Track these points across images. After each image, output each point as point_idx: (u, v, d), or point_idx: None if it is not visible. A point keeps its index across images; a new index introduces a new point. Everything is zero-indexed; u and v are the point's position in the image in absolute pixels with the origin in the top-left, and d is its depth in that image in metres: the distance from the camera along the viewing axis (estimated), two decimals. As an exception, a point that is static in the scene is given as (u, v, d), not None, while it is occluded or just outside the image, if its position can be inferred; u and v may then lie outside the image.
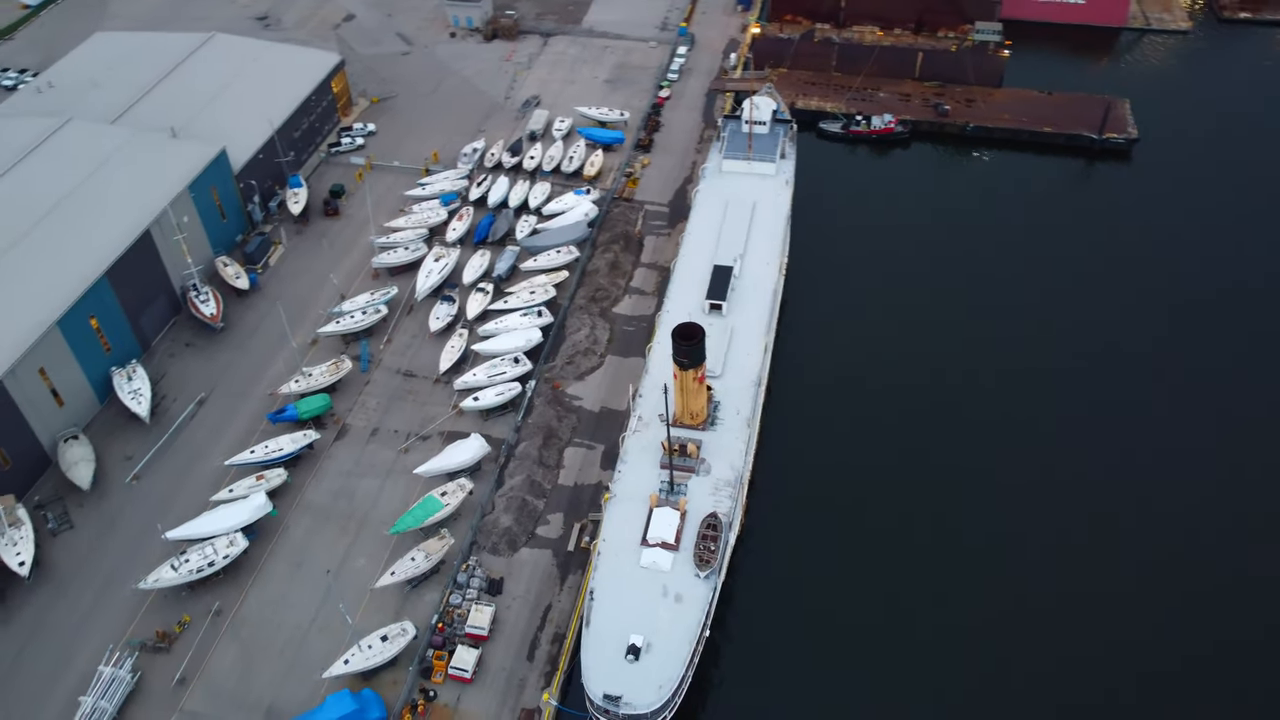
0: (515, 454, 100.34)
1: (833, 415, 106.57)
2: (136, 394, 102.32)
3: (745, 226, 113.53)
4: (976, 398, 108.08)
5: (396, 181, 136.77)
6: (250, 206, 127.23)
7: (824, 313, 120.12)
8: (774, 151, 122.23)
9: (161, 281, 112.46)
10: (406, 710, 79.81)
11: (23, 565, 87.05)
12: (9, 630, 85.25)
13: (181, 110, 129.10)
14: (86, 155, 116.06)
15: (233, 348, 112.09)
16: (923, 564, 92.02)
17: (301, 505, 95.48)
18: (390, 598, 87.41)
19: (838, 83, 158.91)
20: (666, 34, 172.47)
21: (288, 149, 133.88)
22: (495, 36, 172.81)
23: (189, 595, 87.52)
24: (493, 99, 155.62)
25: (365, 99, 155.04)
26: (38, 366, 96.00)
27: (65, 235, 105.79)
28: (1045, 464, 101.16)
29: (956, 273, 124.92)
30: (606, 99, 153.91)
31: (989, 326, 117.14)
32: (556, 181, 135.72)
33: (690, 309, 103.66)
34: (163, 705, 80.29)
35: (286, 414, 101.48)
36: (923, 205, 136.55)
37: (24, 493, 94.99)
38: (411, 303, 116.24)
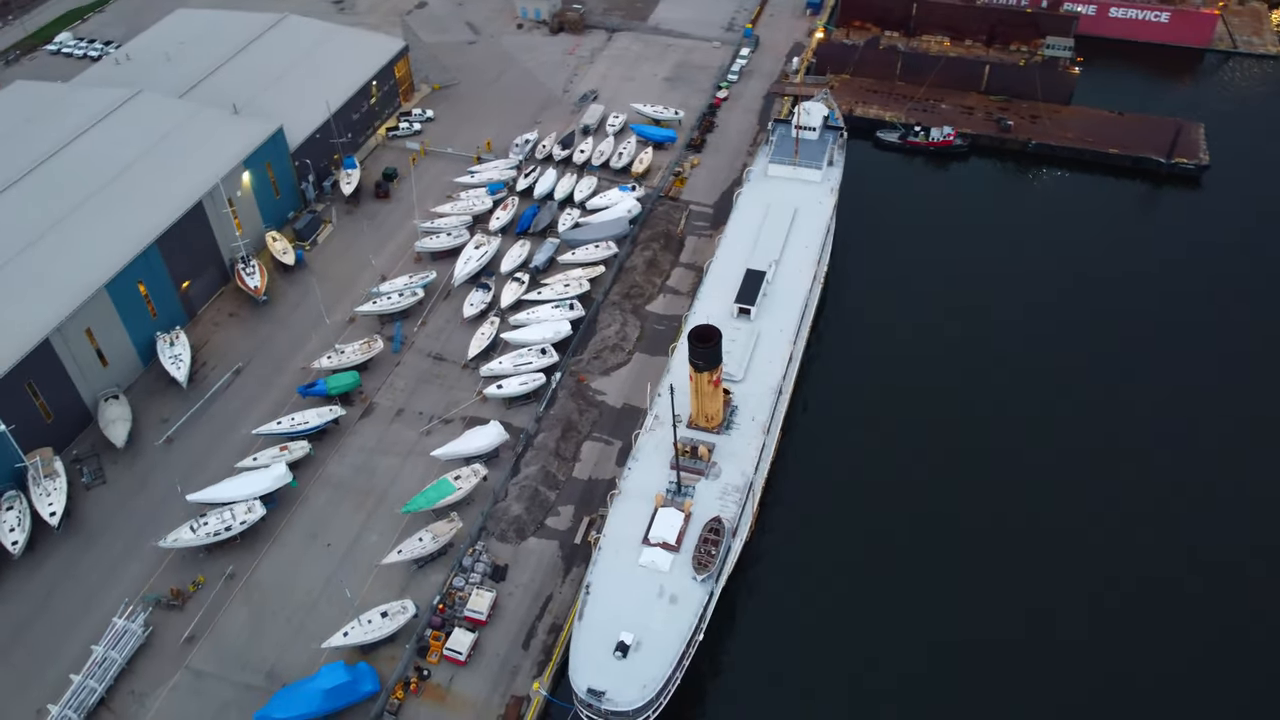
0: (533, 444, 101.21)
1: (859, 431, 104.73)
2: (177, 359, 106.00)
3: (784, 232, 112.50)
4: (1013, 429, 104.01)
5: (448, 168, 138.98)
6: (304, 185, 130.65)
7: (862, 325, 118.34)
8: (821, 158, 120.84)
9: (211, 252, 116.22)
10: (400, 686, 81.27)
11: (54, 515, 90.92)
12: (36, 577, 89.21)
13: (246, 87, 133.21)
14: (151, 127, 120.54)
15: (274, 321, 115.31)
16: (932, 597, 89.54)
17: (322, 478, 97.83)
18: (396, 575, 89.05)
19: (900, 92, 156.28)
20: (731, 35, 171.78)
21: (345, 130, 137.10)
22: (561, 30, 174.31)
23: (206, 557, 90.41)
24: (551, 91, 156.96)
25: (427, 85, 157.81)
26: (84, 327, 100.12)
27: (122, 202, 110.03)
28: (1083, 504, 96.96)
29: (1005, 294, 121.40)
30: (664, 97, 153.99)
31: (1034, 353, 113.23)
32: (604, 177, 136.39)
33: (718, 311, 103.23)
34: (170, 660, 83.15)
35: (316, 388, 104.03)
36: (975, 222, 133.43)
37: (63, 446, 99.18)
38: (449, 288, 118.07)
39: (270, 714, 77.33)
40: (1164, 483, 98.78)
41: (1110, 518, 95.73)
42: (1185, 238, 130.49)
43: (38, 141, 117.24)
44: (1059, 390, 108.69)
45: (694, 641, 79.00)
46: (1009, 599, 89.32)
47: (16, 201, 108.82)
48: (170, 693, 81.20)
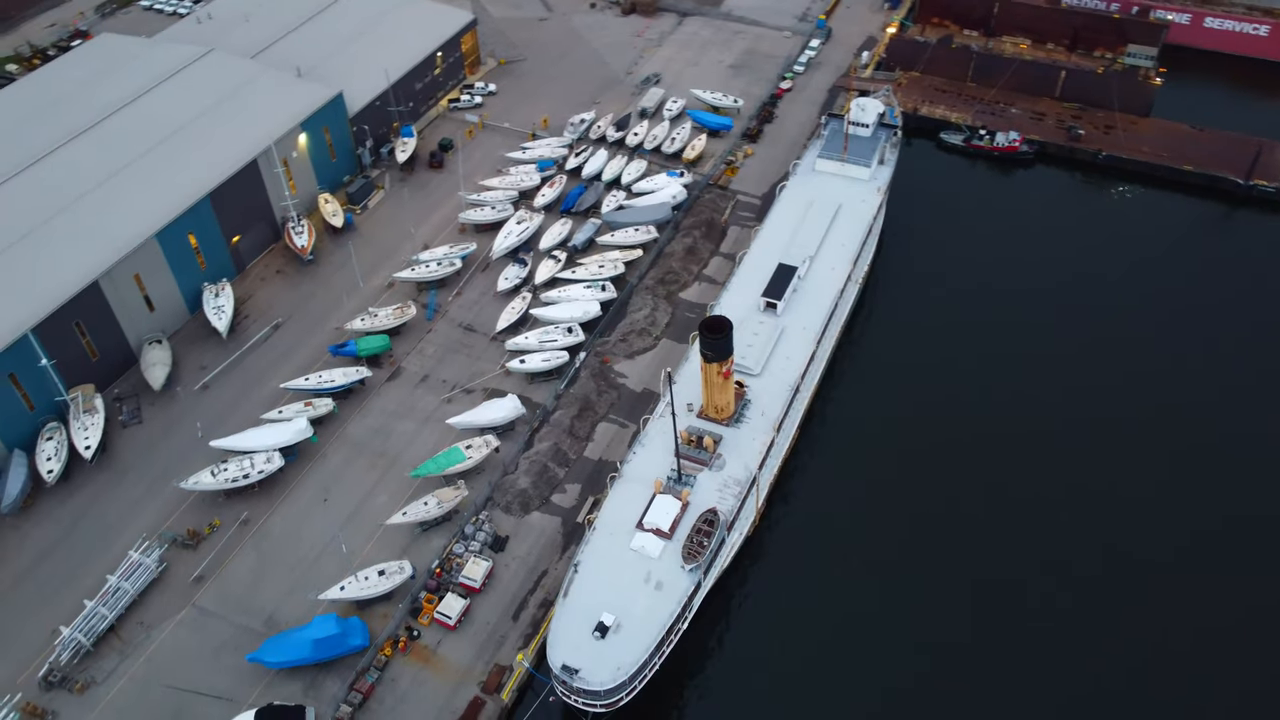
0: (549, 420, 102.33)
1: (880, 436, 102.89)
2: (220, 310, 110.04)
3: (823, 229, 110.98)
4: (1044, 457, 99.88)
5: (503, 142, 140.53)
6: (361, 150, 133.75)
7: (898, 329, 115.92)
8: (871, 156, 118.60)
9: (263, 210, 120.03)
10: (389, 644, 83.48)
11: (88, 449, 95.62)
12: (67, 505, 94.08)
13: (315, 52, 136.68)
14: (217, 85, 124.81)
15: (316, 280, 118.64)
16: (929, 611, 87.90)
17: (342, 436, 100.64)
18: (399, 536, 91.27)
19: (970, 93, 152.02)
20: (804, 25, 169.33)
21: (407, 99, 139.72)
22: (633, 11, 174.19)
23: (224, 502, 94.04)
24: (614, 72, 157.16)
25: (494, 59, 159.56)
26: (133, 273, 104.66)
27: (180, 156, 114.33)
28: (1140, 546, 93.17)
29: (1056, 310, 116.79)
30: (726, 84, 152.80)
31: (1080, 376, 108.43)
32: (654, 161, 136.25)
33: (746, 303, 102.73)
34: (178, 597, 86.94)
35: (347, 349, 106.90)
36: (1033, 233, 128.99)
37: (106, 385, 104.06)
38: (486, 260, 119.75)
39: (261, 657, 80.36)
40: (1237, 531, 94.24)
41: (1170, 561, 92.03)
42: (1258, 265, 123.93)
43: (110, 93, 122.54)
44: (1106, 414, 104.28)
45: (676, 630, 79.20)
46: (1010, 620, 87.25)
47: (82, 150, 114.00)
48: (175, 627, 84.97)
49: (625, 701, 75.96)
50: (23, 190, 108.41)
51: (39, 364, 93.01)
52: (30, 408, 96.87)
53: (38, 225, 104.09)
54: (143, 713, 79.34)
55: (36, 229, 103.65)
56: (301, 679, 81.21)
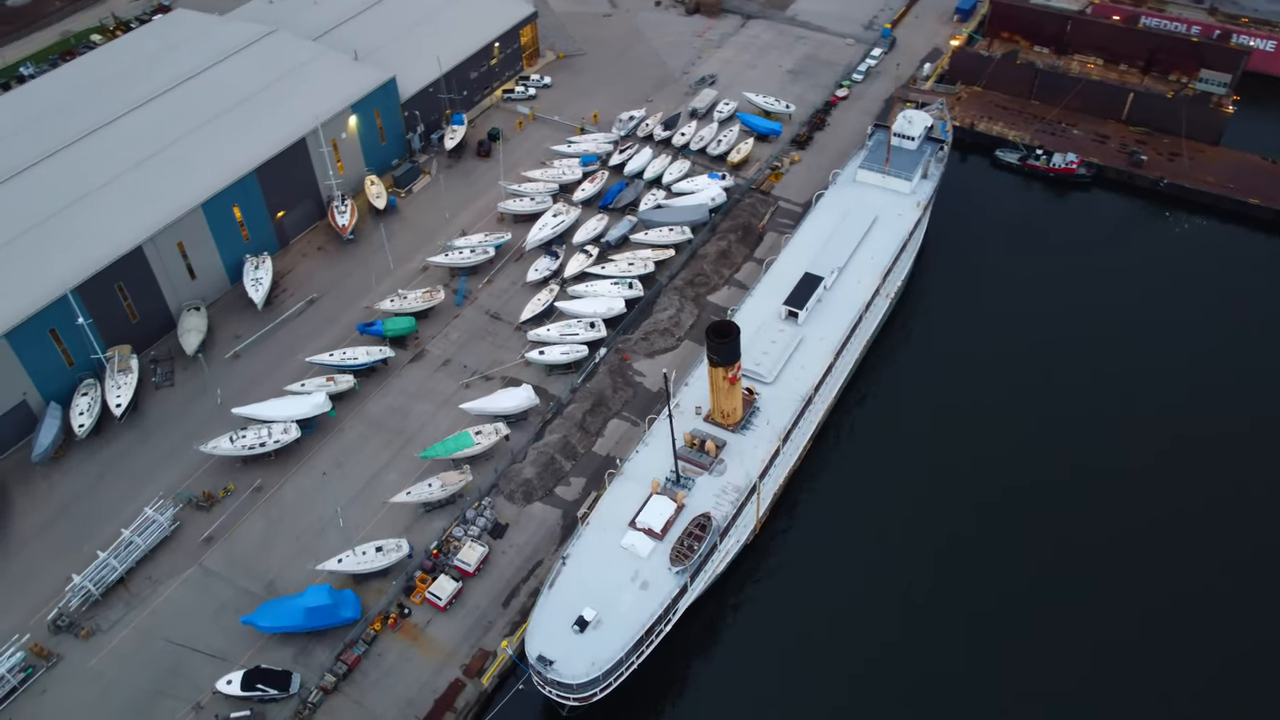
0: (562, 413, 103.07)
1: (896, 456, 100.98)
2: (257, 282, 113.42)
3: (856, 240, 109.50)
4: (1064, 500, 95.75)
5: (551, 135, 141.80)
6: (411, 135, 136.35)
7: (929, 349, 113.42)
8: (914, 169, 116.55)
9: (309, 187, 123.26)
10: (380, 619, 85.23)
11: (119, 407, 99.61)
12: (93, 459, 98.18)
13: (375, 37, 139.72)
14: (277, 64, 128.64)
15: (354, 259, 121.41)
16: (924, 636, 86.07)
17: (360, 413, 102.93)
18: (402, 515, 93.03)
19: (1032, 111, 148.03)
20: (869, 33, 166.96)
21: (461, 88, 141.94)
22: (697, 11, 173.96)
23: (240, 468, 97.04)
24: (671, 71, 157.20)
25: (552, 53, 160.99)
26: (177, 240, 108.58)
27: (233, 131, 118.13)
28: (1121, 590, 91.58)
29: (1099, 345, 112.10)
30: (782, 89, 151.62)
31: (1114, 415, 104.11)
32: (699, 162, 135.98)
33: (768, 310, 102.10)
34: (187, 555, 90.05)
35: (374, 328, 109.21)
36: (1084, 258, 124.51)
37: (144, 347, 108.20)
38: (520, 251, 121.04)
39: (255, 620, 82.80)
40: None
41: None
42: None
43: (177, 66, 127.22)
44: (1139, 456, 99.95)
45: (657, 631, 79.21)
46: (1008, 657, 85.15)
47: (143, 120, 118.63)
48: (181, 584, 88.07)
49: (599, 698, 76.29)
50: (83, 155, 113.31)
51: (77, 322, 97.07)
52: (69, 363, 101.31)
53: (93, 189, 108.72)
54: (141, 663, 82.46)
55: (91, 193, 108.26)
56: (293, 645, 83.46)
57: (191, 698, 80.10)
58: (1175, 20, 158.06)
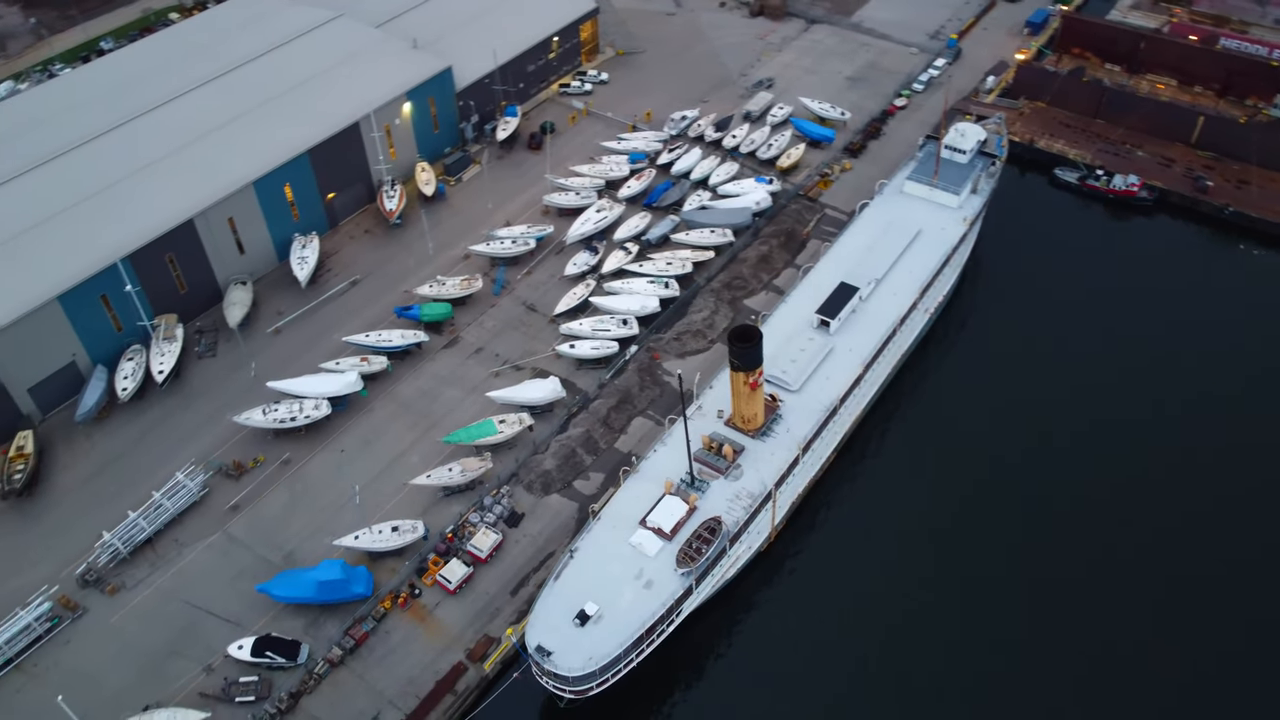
0: (587, 408, 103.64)
1: (922, 477, 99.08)
2: (303, 260, 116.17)
3: (897, 252, 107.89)
4: (1110, 546, 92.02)
5: (603, 131, 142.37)
6: (464, 125, 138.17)
7: (968, 367, 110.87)
8: (962, 183, 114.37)
9: (360, 171, 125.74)
10: (390, 597, 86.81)
11: (161, 373, 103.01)
12: (134, 423, 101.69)
13: (436, 26, 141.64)
14: (338, 48, 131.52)
15: (399, 244, 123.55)
16: (938, 673, 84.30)
17: (390, 394, 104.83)
18: (421, 497, 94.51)
19: (1097, 130, 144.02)
20: (934, 43, 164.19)
21: (517, 80, 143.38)
22: (761, 13, 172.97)
23: (271, 440, 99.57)
24: (729, 73, 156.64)
25: (612, 49, 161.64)
26: (228, 216, 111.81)
27: (290, 112, 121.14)
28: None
29: (1148, 375, 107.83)
30: (840, 96, 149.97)
31: (1160, 448, 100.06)
32: (747, 165, 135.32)
33: (800, 318, 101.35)
34: (212, 521, 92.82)
35: (411, 312, 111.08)
36: (1139, 284, 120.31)
37: (190, 317, 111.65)
38: (561, 244, 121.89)
39: (270, 589, 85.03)
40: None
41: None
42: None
43: (243, 47, 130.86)
44: (1192, 499, 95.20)
45: (659, 631, 79.30)
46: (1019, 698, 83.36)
47: (205, 98, 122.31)
48: (205, 549, 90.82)
49: (595, 692, 76.72)
50: (147, 128, 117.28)
51: (126, 289, 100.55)
52: (118, 329, 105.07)
53: (152, 161, 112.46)
54: (160, 621, 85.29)
55: (150, 165, 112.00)
56: (305, 616, 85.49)
57: (203, 659, 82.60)
58: (1257, 43, 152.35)
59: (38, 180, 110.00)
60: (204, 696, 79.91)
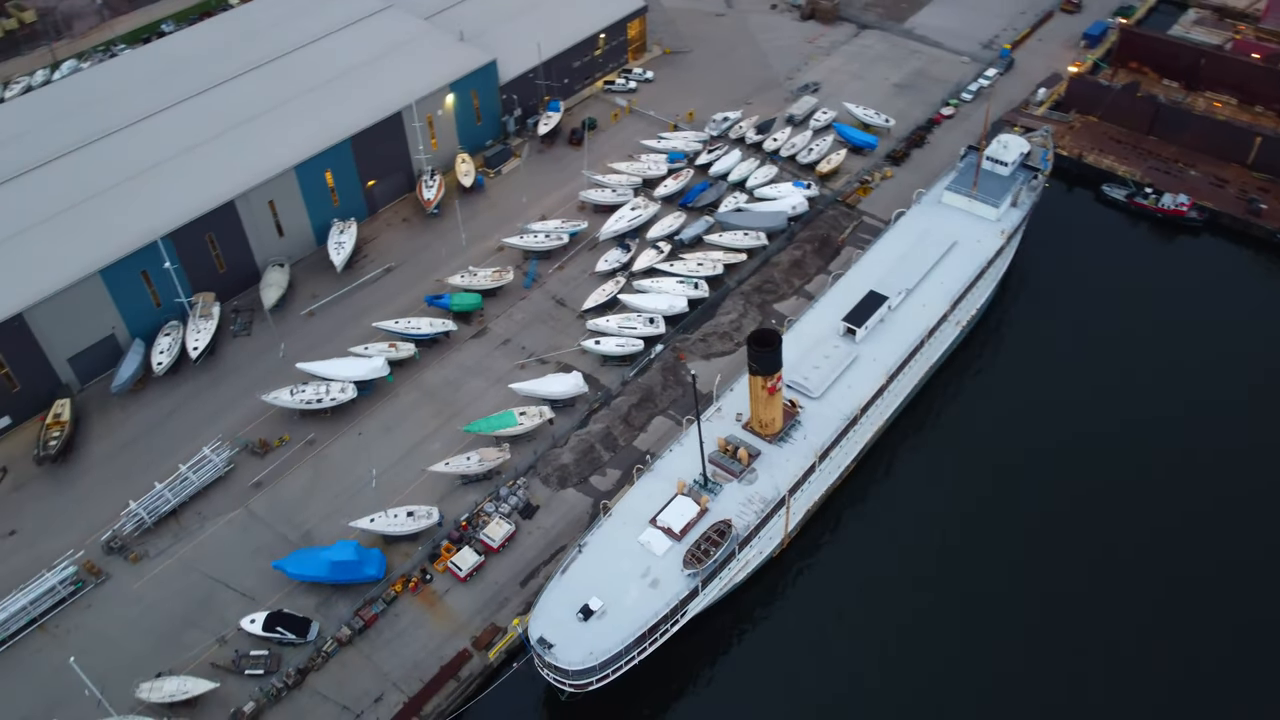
0: (609, 404, 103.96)
1: (942, 492, 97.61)
2: (339, 246, 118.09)
3: (930, 263, 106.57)
4: (1130, 574, 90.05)
5: (644, 129, 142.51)
6: (507, 118, 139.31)
7: (999, 384, 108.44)
8: (1002, 196, 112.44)
9: (401, 160, 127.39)
10: (401, 581, 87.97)
11: (196, 350, 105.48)
12: (167, 396, 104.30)
13: (485, 19, 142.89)
14: (386, 38, 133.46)
15: (436, 233, 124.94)
16: (943, 689, 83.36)
17: (416, 381, 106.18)
18: (439, 484, 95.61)
19: (1148, 147, 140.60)
20: (987, 53, 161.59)
21: (562, 76, 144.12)
22: (812, 17, 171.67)
23: (297, 420, 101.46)
24: (774, 76, 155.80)
25: (659, 48, 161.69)
26: (269, 199, 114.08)
27: (334, 99, 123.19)
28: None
29: (1187, 406, 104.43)
30: (886, 103, 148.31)
31: (1204, 493, 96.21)
32: (786, 169, 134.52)
33: (827, 325, 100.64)
34: (235, 497, 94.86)
35: (441, 301, 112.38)
36: (1183, 308, 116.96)
37: (228, 297, 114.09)
38: (594, 240, 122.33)
39: (285, 566, 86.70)
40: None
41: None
42: None
43: (294, 33, 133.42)
44: (1233, 546, 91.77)
45: (662, 631, 79.37)
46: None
47: (254, 83, 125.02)
48: (226, 523, 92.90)
49: (595, 687, 77.09)
50: (194, 111, 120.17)
51: (165, 266, 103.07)
52: (157, 304, 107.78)
53: (199, 143, 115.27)
54: (178, 591, 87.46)
55: (195, 146, 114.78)
56: (317, 594, 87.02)
57: (217, 631, 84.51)
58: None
59: (88, 157, 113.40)
60: (215, 667, 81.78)
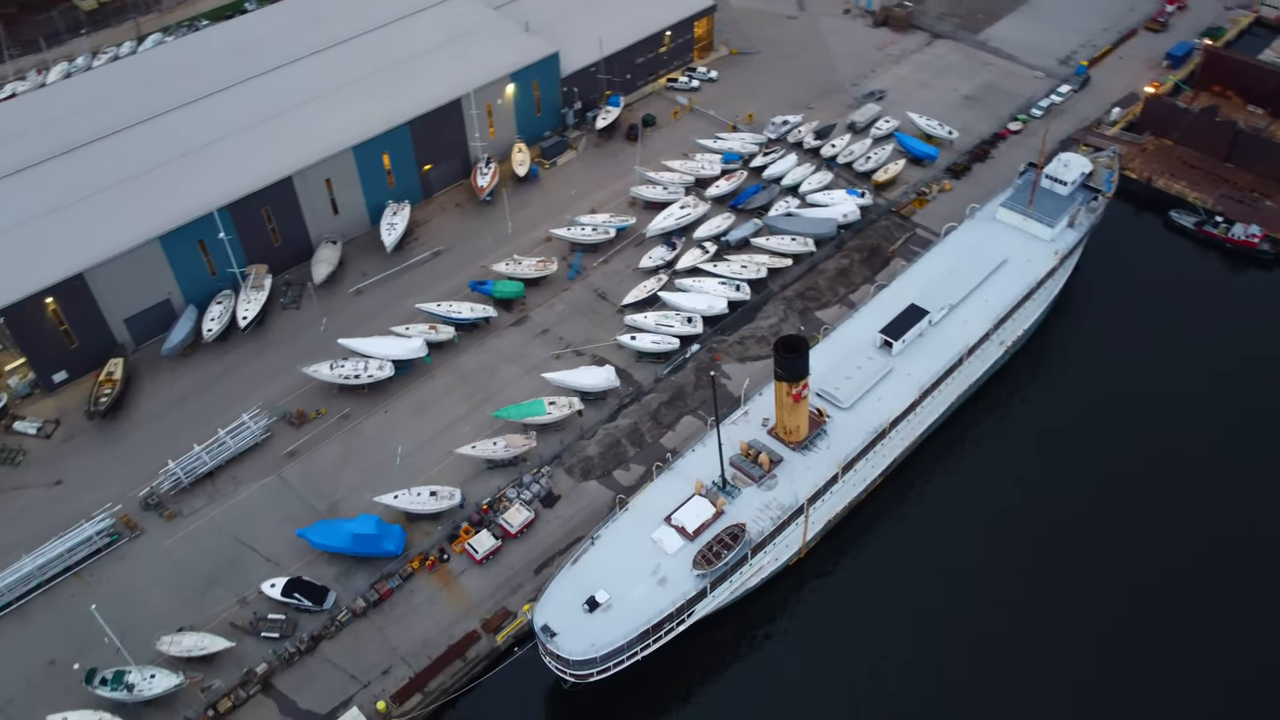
0: (639, 400, 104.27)
1: (968, 516, 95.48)
2: (391, 227, 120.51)
3: (976, 280, 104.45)
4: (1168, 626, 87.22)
5: (702, 128, 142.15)
6: (566, 110, 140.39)
7: (1041, 410, 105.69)
8: (1059, 216, 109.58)
9: (458, 146, 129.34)
10: (419, 558, 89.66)
11: (245, 319, 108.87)
12: (214, 362, 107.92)
13: (553, 11, 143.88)
14: (453, 26, 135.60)
15: (486, 220, 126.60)
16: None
17: (453, 364, 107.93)
18: (464, 466, 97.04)
19: (1223, 175, 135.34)
20: (1063, 68, 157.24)
21: (625, 71, 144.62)
22: (885, 23, 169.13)
23: (335, 394, 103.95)
24: (840, 81, 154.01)
25: (726, 48, 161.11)
26: (325, 177, 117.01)
27: (397, 83, 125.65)
28: None
29: (1240, 444, 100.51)
30: (952, 114, 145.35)
31: (1262, 545, 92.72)
32: (842, 175, 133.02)
33: (865, 335, 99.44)
34: (270, 464, 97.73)
35: (485, 287, 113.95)
36: (1245, 344, 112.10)
37: (280, 270, 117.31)
38: (641, 236, 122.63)
39: (308, 535, 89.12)
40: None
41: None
42: None
43: (365, 18, 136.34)
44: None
45: (667, 629, 79.54)
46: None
47: (320, 64, 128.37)
48: (259, 488, 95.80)
49: (596, 678, 77.59)
50: (260, 90, 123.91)
51: (220, 237, 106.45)
52: (212, 273, 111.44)
53: (262, 119, 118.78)
54: (207, 550, 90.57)
55: (257, 124, 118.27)
56: (338, 565, 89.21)
57: (239, 592, 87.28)
58: None
59: (158, 128, 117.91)
60: (233, 627, 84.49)
